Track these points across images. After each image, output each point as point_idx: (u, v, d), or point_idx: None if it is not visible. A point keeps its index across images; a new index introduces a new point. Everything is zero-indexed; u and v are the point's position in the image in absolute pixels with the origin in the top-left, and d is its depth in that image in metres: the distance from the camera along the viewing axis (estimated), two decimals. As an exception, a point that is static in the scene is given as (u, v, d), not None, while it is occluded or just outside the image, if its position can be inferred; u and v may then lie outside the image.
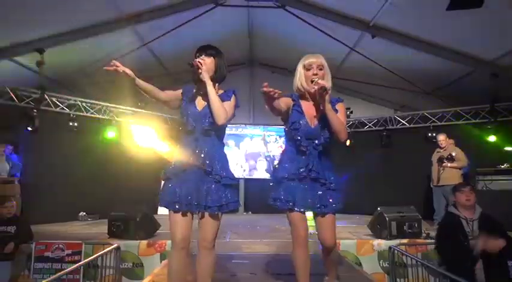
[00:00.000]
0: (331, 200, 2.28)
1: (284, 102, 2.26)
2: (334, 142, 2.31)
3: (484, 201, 5.14)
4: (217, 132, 2.23)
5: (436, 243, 3.48)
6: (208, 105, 2.16)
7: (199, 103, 2.25)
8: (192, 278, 2.20)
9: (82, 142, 7.74)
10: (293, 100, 2.34)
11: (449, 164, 6.05)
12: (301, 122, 2.28)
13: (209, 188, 2.12)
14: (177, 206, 2.09)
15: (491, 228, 3.08)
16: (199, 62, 2.15)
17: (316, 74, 2.23)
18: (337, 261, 2.52)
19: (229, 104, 2.24)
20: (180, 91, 2.31)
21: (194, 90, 2.29)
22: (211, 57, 2.23)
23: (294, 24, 7.14)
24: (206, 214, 2.12)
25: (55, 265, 4.30)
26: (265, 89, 1.93)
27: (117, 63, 2.02)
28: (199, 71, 2.14)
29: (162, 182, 2.25)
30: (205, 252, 2.16)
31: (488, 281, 2.89)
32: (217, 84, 2.28)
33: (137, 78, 2.09)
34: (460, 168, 6.09)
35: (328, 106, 2.16)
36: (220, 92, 2.29)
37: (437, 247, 3.45)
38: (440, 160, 6.13)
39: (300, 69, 2.31)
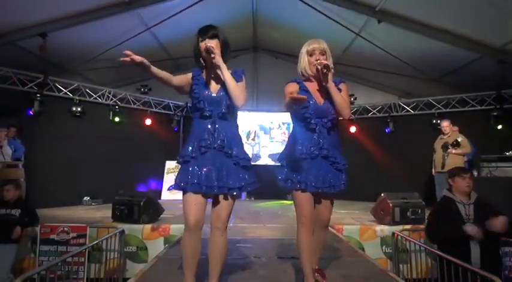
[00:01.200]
0: (339, 181, 2.31)
1: (291, 89, 2.30)
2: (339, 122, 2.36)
3: (489, 188, 5.17)
4: (232, 115, 2.24)
5: (428, 224, 3.50)
6: (223, 89, 2.17)
7: (213, 87, 2.23)
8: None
9: (86, 127, 7.76)
10: (298, 83, 2.38)
11: (453, 151, 6.01)
12: (310, 101, 2.30)
13: (229, 170, 2.14)
14: (196, 188, 2.09)
15: (488, 211, 3.09)
16: (212, 46, 2.09)
17: (318, 60, 2.28)
18: (323, 245, 2.49)
19: (242, 85, 2.24)
20: (189, 75, 2.27)
21: (204, 75, 2.26)
22: (216, 39, 2.18)
23: (299, 9, 7.03)
24: (222, 196, 2.14)
25: (60, 248, 4.34)
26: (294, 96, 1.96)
27: (131, 53, 1.99)
28: (213, 56, 2.09)
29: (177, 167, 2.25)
30: (218, 232, 2.18)
31: (482, 266, 2.90)
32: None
33: (152, 66, 2.06)
34: (464, 155, 6.06)
35: (331, 84, 2.23)
36: (229, 71, 2.24)
37: (429, 228, 3.47)
38: (445, 146, 6.09)
39: (303, 55, 2.36)
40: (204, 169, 2.12)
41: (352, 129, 9.29)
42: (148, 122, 8.82)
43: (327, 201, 2.37)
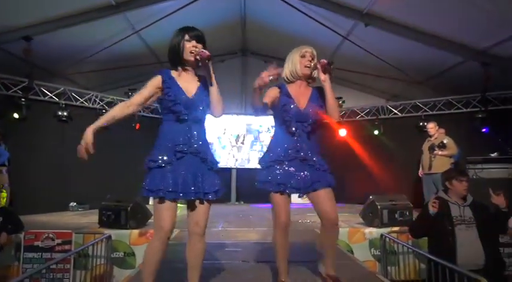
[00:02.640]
0: (324, 177, 2.33)
1: (271, 94, 2.36)
2: (323, 125, 2.45)
3: (474, 189, 5.22)
4: (204, 120, 2.21)
5: (416, 222, 3.53)
6: (199, 93, 2.13)
7: (188, 90, 2.13)
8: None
9: (72, 131, 7.64)
10: (279, 88, 2.42)
11: (440, 152, 6.07)
12: (291, 105, 2.34)
13: (204, 175, 2.10)
14: (173, 195, 2.01)
15: (486, 211, 3.17)
16: (204, 51, 2.04)
17: (310, 61, 2.37)
18: (336, 245, 2.48)
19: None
20: (158, 80, 2.11)
21: (176, 76, 2.16)
22: (202, 43, 2.13)
23: (287, 13, 7.06)
24: (198, 201, 2.10)
25: (45, 254, 4.27)
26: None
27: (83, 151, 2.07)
28: (207, 61, 2.03)
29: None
30: (196, 238, 2.13)
31: (486, 261, 2.97)
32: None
33: (92, 128, 2.15)
34: (450, 156, 6.12)
35: (329, 83, 2.31)
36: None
37: (414, 226, 3.50)
38: (432, 148, 6.16)
39: (294, 57, 2.41)
40: (181, 175, 2.05)
41: (342, 132, 9.35)
42: (136, 126, 8.73)
43: (321, 194, 2.31)
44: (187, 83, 2.16)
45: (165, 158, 2.06)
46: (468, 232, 3.06)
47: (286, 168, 2.30)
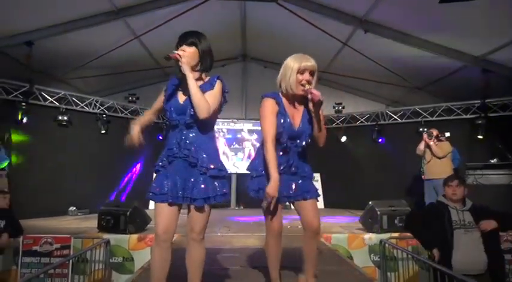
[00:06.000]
0: (311, 187, 2.37)
1: (273, 109, 2.29)
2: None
3: (475, 195, 5.23)
4: (201, 124, 2.12)
5: (410, 214, 3.55)
6: (190, 98, 2.08)
7: (181, 96, 2.16)
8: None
9: (72, 136, 7.67)
10: (277, 103, 2.31)
11: (431, 142, 5.98)
12: (285, 124, 2.30)
13: (196, 180, 2.07)
14: (163, 198, 2.07)
15: (486, 214, 3.16)
16: (178, 54, 2.05)
17: (308, 81, 2.22)
18: (317, 254, 2.45)
19: (212, 94, 2.11)
20: (162, 92, 2.28)
21: (177, 83, 2.22)
22: (193, 47, 2.12)
23: (287, 19, 7.10)
24: (193, 206, 2.09)
25: (43, 259, 4.24)
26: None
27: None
28: (180, 63, 2.05)
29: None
30: (194, 244, 2.13)
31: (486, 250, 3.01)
32: (200, 73, 2.18)
33: (140, 122, 2.30)
34: (440, 157, 6.02)
35: (321, 115, 2.26)
36: (207, 79, 2.20)
37: (410, 218, 3.53)
38: (430, 135, 6.06)
39: (292, 73, 2.23)
40: (171, 179, 2.09)
41: (343, 138, 9.38)
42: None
43: (310, 208, 2.34)
44: (184, 89, 2.16)
45: (161, 162, 2.16)
46: (467, 236, 3.06)
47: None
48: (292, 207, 2.46)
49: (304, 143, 2.34)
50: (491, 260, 3.01)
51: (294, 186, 2.33)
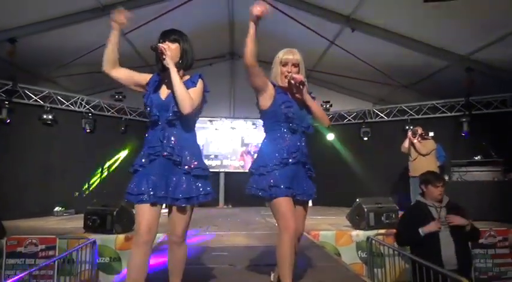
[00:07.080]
0: (312, 189, 2.34)
1: (264, 80, 2.25)
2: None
3: (459, 192, 5.33)
4: (184, 121, 2.09)
5: (397, 231, 3.54)
6: (173, 94, 2.03)
7: (164, 92, 2.11)
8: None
9: (57, 135, 7.54)
10: (273, 85, 2.31)
11: (415, 140, 6.08)
12: (291, 102, 2.27)
13: (178, 180, 2.02)
14: (143, 198, 1.98)
15: (458, 212, 3.20)
16: (163, 47, 2.02)
17: (289, 72, 2.26)
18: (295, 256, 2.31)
19: (195, 91, 2.08)
20: (147, 77, 2.19)
21: (159, 79, 2.17)
22: (176, 43, 2.10)
23: (275, 17, 7.09)
24: (174, 207, 2.04)
25: (28, 260, 4.16)
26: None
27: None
28: (163, 56, 2.01)
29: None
30: (175, 246, 2.10)
31: (458, 262, 3.03)
32: (182, 71, 2.15)
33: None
34: (424, 155, 6.10)
35: (307, 96, 2.25)
36: (186, 78, 2.16)
37: (400, 232, 3.51)
38: (414, 133, 6.17)
39: (275, 62, 2.32)
40: (152, 178, 2.01)
41: (330, 136, 9.42)
42: (122, 129, 8.66)
43: (302, 210, 2.33)
44: (165, 84, 2.13)
45: (140, 162, 2.08)
46: (444, 233, 3.11)
47: (291, 172, 2.20)
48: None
49: (307, 125, 2.31)
50: (460, 256, 3.05)
51: (302, 184, 2.28)
